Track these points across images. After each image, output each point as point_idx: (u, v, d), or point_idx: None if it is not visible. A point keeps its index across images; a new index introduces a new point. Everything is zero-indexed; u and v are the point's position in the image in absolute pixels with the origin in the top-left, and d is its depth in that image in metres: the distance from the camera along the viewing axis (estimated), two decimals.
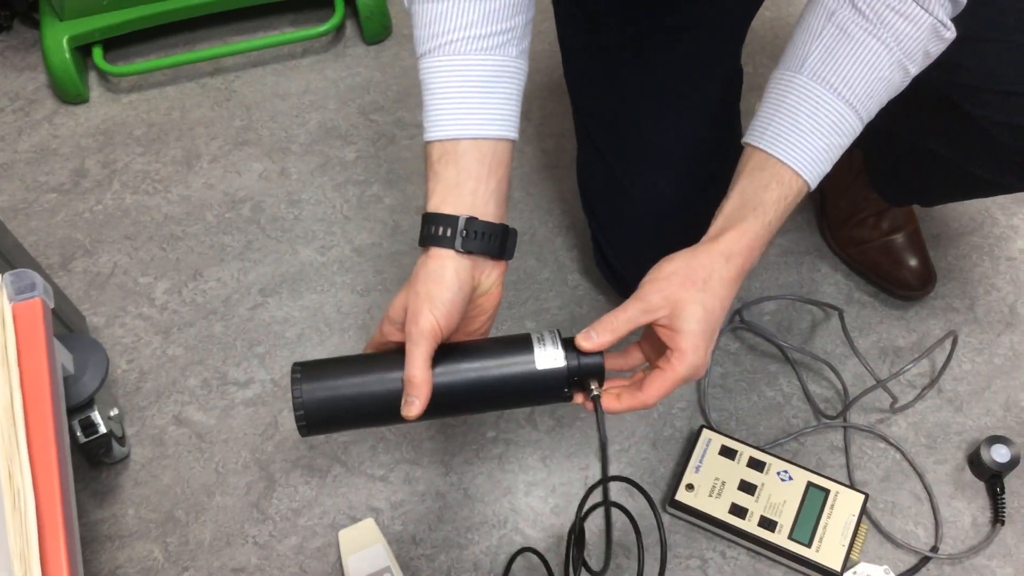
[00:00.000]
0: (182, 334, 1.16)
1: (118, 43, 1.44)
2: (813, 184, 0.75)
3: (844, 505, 0.98)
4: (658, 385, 0.73)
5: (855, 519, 0.97)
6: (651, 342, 0.78)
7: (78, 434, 0.96)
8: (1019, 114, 0.83)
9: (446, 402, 0.72)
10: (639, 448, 1.06)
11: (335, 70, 1.44)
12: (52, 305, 0.82)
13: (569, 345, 0.74)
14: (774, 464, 1.01)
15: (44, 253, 1.23)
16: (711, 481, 1.00)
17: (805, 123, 0.74)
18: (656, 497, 1.02)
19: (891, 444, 1.06)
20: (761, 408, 1.10)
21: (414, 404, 0.70)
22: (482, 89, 0.73)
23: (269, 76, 1.44)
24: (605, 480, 0.72)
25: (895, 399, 1.07)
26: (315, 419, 0.72)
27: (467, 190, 0.72)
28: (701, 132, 1.00)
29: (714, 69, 1.01)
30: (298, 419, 0.72)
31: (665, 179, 1.00)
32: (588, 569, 0.79)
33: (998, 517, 1.00)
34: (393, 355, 0.73)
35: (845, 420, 1.07)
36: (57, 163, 1.33)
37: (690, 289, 0.72)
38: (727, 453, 1.02)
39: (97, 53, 1.41)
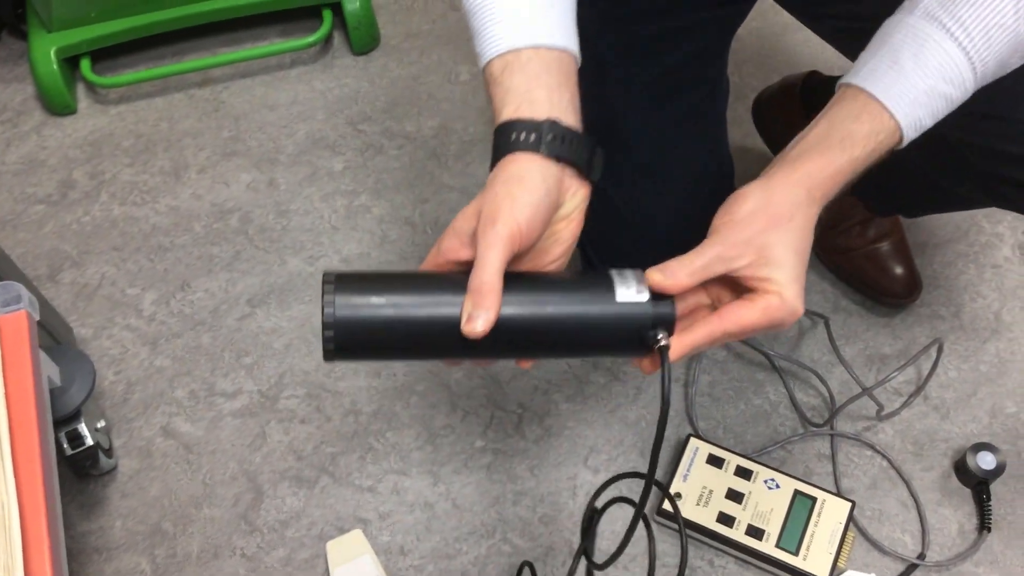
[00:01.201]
0: (170, 345, 1.16)
1: (106, 54, 1.44)
2: (907, 131, 0.67)
3: (831, 513, 0.98)
4: (745, 313, 0.63)
5: (842, 527, 0.97)
6: (722, 283, 0.67)
7: (65, 446, 0.95)
8: (992, 137, 0.83)
9: (505, 339, 0.60)
10: (627, 457, 1.07)
11: (323, 81, 1.45)
12: (38, 317, 0.82)
13: None
14: (761, 472, 1.01)
15: (32, 265, 1.23)
16: (699, 490, 1.00)
17: (907, 61, 0.66)
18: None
19: (878, 452, 1.07)
20: (748, 416, 1.10)
21: (479, 319, 0.58)
22: (534, 1, 0.66)
23: (257, 87, 1.44)
24: (657, 444, 0.61)
25: (881, 407, 1.07)
26: (346, 341, 0.61)
27: (541, 96, 0.63)
28: (687, 138, 1.01)
29: (701, 77, 1.02)
30: (326, 340, 0.60)
31: (653, 188, 1.00)
32: (590, 560, 0.78)
33: (984, 524, 1.00)
34: (451, 274, 0.62)
35: (832, 428, 1.08)
36: (45, 174, 1.33)
37: (776, 230, 0.63)
38: (714, 462, 1.02)
39: (85, 64, 1.41)
